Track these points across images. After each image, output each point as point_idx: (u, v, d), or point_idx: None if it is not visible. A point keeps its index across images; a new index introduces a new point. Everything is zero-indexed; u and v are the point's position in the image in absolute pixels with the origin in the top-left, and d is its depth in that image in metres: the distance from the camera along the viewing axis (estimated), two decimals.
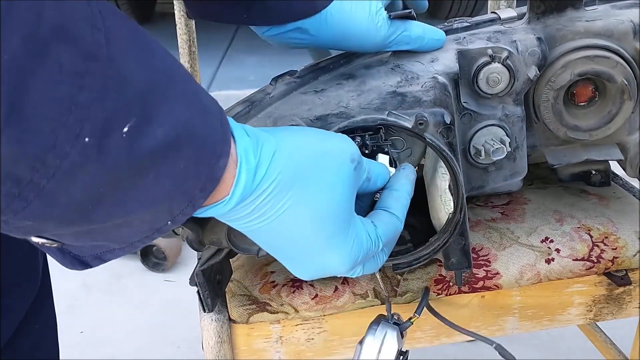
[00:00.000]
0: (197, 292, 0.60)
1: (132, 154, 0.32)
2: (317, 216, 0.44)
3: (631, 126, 0.68)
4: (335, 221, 0.45)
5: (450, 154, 0.56)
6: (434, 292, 0.67)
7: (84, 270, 0.40)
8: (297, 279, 0.63)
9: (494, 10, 0.68)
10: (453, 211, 0.59)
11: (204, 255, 0.61)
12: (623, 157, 0.69)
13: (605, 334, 1.11)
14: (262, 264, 0.69)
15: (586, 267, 0.70)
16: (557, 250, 0.70)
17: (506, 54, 0.61)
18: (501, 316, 0.71)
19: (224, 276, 0.63)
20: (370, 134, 0.57)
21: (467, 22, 0.65)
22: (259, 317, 0.65)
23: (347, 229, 0.46)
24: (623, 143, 0.69)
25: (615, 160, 0.71)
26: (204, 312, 0.63)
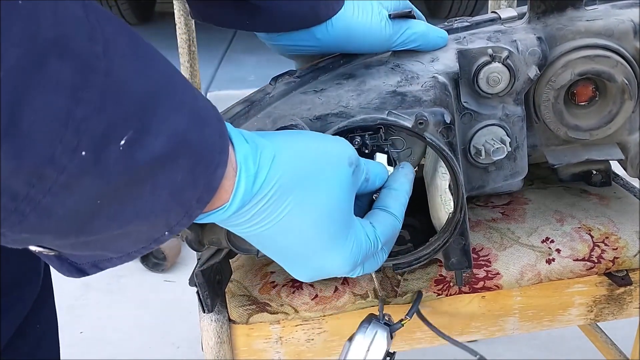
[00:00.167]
0: (197, 292, 0.60)
1: (129, 166, 0.32)
2: (317, 220, 0.44)
3: (632, 126, 0.68)
4: (334, 225, 0.45)
5: (450, 153, 0.56)
6: (434, 292, 0.67)
7: (82, 277, 0.40)
8: (297, 279, 0.63)
9: (494, 10, 0.68)
10: (453, 211, 0.59)
11: (204, 255, 0.61)
12: (624, 156, 0.69)
13: (606, 334, 1.11)
14: (262, 264, 0.69)
15: (587, 268, 0.69)
16: (558, 250, 0.70)
17: (506, 53, 0.61)
18: (502, 316, 0.71)
19: (224, 276, 0.63)
20: (370, 134, 0.57)
21: (467, 22, 0.65)
22: (259, 318, 0.65)
23: (346, 231, 0.46)
24: (624, 143, 0.69)
25: (615, 160, 0.71)
26: (204, 312, 0.63)
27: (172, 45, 0.90)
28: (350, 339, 0.58)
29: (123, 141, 0.31)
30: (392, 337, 0.58)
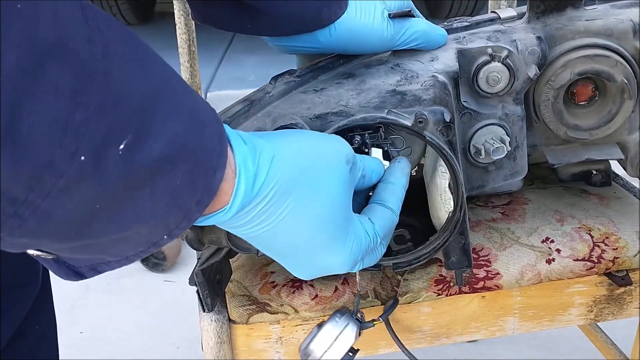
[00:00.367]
0: (197, 291, 0.60)
1: (128, 170, 0.32)
2: (317, 220, 0.44)
3: (631, 125, 0.68)
4: (334, 223, 0.45)
5: (450, 152, 0.56)
6: (435, 292, 0.67)
7: (79, 280, 0.40)
8: (297, 279, 0.63)
9: (494, 10, 0.68)
10: (453, 210, 0.59)
11: (204, 254, 0.61)
12: (623, 156, 0.69)
13: (606, 334, 1.11)
14: (262, 264, 0.69)
15: (587, 268, 0.69)
16: (558, 250, 0.70)
17: (506, 53, 0.61)
18: (502, 316, 0.71)
19: (224, 276, 0.63)
20: (370, 133, 0.57)
21: (466, 22, 0.65)
22: (259, 318, 0.65)
23: (346, 229, 0.46)
24: (623, 142, 0.69)
25: (615, 160, 0.71)
26: (204, 311, 0.63)
27: (172, 45, 0.90)
28: (319, 326, 0.58)
29: (122, 145, 0.31)
30: (359, 335, 0.58)
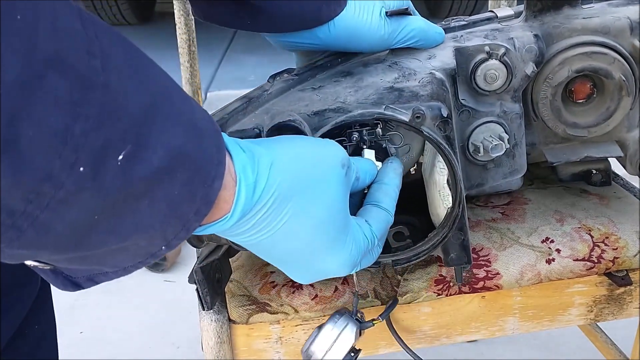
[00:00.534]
0: (196, 289, 0.60)
1: (127, 181, 0.32)
2: (317, 224, 0.44)
3: (630, 123, 0.68)
4: (333, 227, 0.45)
5: (447, 147, 0.56)
6: (435, 292, 0.67)
7: (76, 291, 0.40)
8: None
9: (492, 9, 0.68)
10: (452, 206, 0.59)
11: (203, 252, 0.61)
12: (622, 154, 0.69)
13: (606, 334, 1.10)
14: (262, 264, 0.69)
15: (587, 268, 0.69)
16: (558, 250, 0.69)
17: (503, 50, 0.61)
18: (501, 316, 0.70)
19: (224, 275, 0.63)
20: (368, 129, 0.57)
21: (464, 21, 0.66)
22: (259, 318, 0.65)
23: (345, 232, 0.47)
24: (622, 140, 0.69)
25: (614, 158, 0.71)
26: (203, 310, 0.63)
27: (172, 45, 0.90)
28: (320, 327, 0.58)
29: (121, 156, 0.31)
30: (360, 334, 0.58)
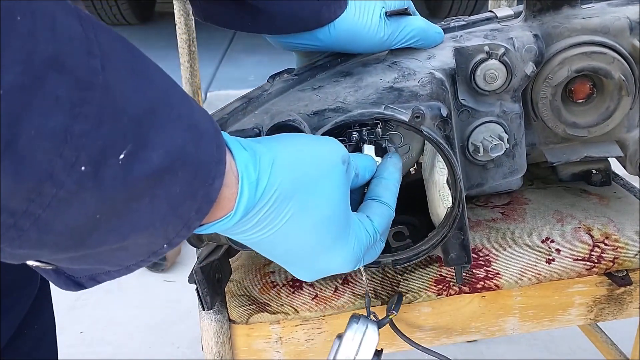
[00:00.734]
0: (196, 289, 0.60)
1: (128, 180, 0.32)
2: (319, 221, 0.44)
3: (630, 122, 0.68)
4: (336, 223, 0.45)
5: (447, 147, 0.56)
6: (435, 292, 0.67)
7: (79, 290, 0.40)
8: (297, 279, 0.63)
9: (491, 9, 0.68)
10: (451, 205, 0.59)
11: (203, 252, 0.61)
12: (622, 154, 0.69)
13: (606, 334, 1.10)
14: (262, 264, 0.69)
15: (587, 268, 0.69)
16: (558, 250, 0.69)
17: (503, 50, 0.61)
18: (501, 316, 0.70)
19: (224, 275, 0.63)
20: (368, 129, 0.57)
21: (464, 21, 0.66)
22: (259, 318, 0.65)
23: (347, 229, 0.47)
24: (622, 140, 0.69)
25: (614, 157, 0.71)
26: (203, 309, 0.63)
27: (172, 45, 0.90)
28: (340, 336, 0.57)
29: (122, 155, 0.31)
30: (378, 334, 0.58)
